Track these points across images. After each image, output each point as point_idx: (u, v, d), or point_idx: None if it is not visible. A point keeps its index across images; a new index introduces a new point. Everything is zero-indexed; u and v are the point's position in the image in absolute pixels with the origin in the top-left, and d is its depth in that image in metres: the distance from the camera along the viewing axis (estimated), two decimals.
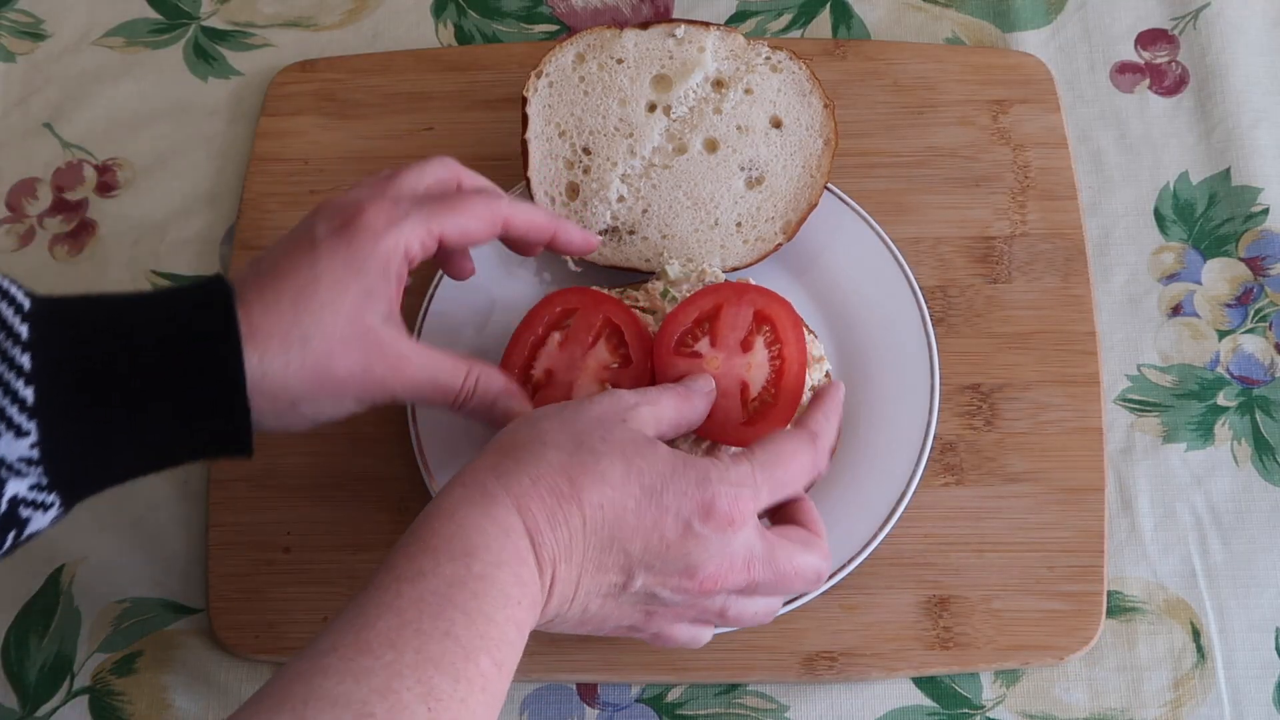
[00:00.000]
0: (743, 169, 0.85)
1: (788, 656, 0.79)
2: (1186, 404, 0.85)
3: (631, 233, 0.85)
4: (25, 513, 0.64)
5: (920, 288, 0.85)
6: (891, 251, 0.85)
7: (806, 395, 0.79)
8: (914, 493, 0.80)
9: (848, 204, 0.87)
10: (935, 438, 0.82)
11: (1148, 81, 0.94)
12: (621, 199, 0.85)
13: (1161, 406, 0.85)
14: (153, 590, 0.84)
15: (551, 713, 0.81)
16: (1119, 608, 0.81)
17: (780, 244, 0.85)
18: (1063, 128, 0.91)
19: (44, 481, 0.63)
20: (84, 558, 0.85)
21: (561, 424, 0.64)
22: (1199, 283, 0.89)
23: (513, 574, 0.60)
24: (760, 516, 0.69)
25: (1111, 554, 0.82)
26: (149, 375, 0.63)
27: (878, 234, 0.86)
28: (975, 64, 0.93)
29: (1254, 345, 0.87)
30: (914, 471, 0.80)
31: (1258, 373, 0.86)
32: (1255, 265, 0.89)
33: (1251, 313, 0.87)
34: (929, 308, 0.85)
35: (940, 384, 0.82)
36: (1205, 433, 0.85)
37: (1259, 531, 0.83)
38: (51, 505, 0.64)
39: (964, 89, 0.92)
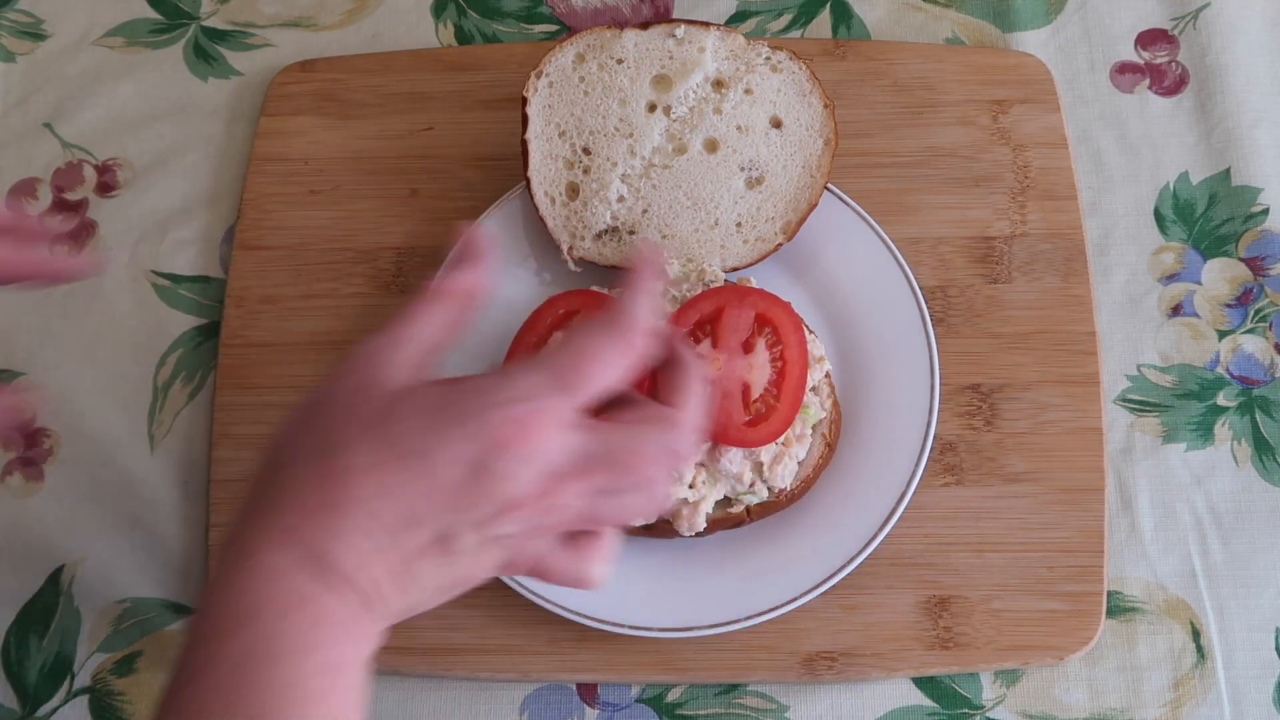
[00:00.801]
0: (743, 169, 0.85)
1: (788, 656, 0.79)
2: (1186, 404, 0.86)
3: (631, 233, 0.85)
4: None
5: (920, 288, 0.85)
6: (891, 251, 0.85)
7: (808, 395, 0.79)
8: (914, 493, 0.80)
9: (848, 204, 0.87)
10: (935, 438, 0.82)
11: (1148, 81, 0.94)
12: (621, 199, 0.85)
13: (1161, 406, 0.86)
14: (153, 590, 0.84)
15: (551, 713, 0.81)
16: (1119, 608, 0.81)
17: (780, 244, 0.85)
18: (1063, 128, 0.91)
19: None
20: (84, 558, 0.85)
21: (306, 424, 0.57)
22: (1199, 283, 0.89)
23: (302, 617, 0.54)
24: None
25: (1111, 554, 0.82)
26: None
27: (878, 234, 0.86)
28: (975, 64, 0.93)
29: (1254, 345, 0.87)
30: (914, 471, 0.80)
31: (1258, 373, 0.86)
32: (1255, 265, 0.89)
33: (1251, 313, 0.87)
34: (929, 308, 0.85)
35: (940, 384, 0.82)
36: (1205, 433, 0.85)
37: (1259, 531, 0.83)
38: None
39: (964, 89, 0.92)
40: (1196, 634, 0.81)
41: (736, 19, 0.98)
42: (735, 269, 0.85)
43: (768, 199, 0.85)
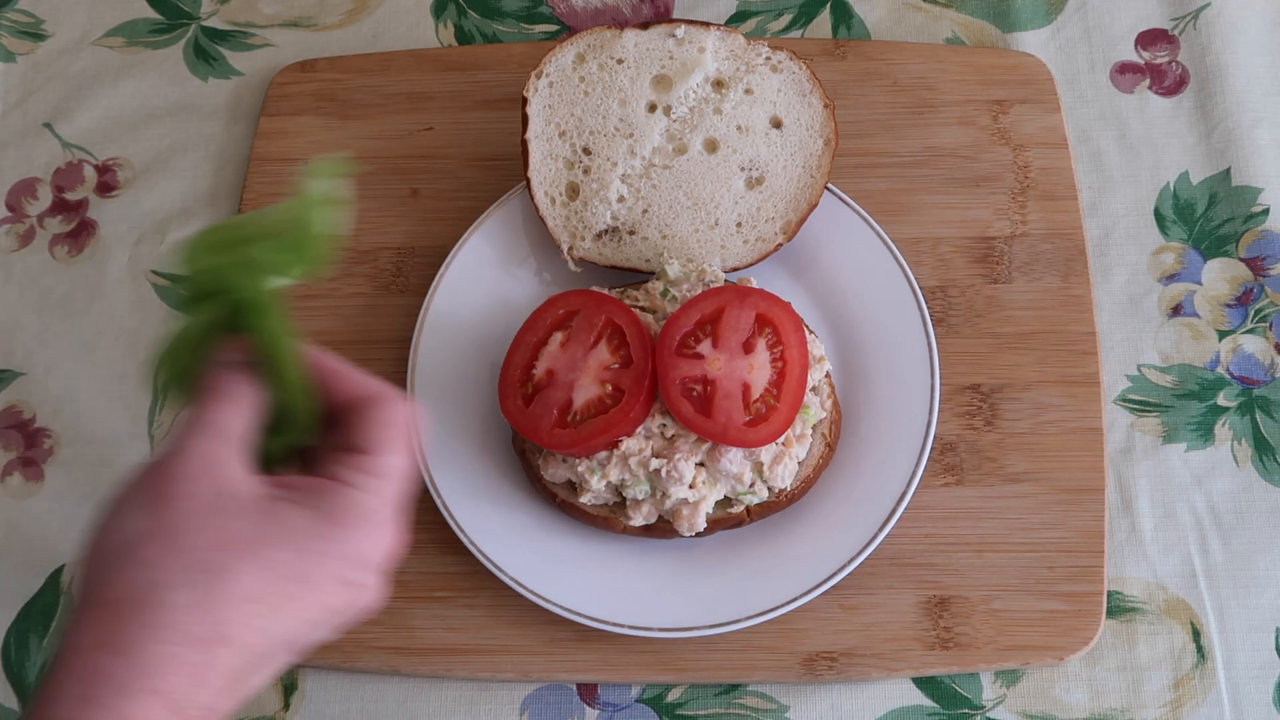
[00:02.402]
0: (743, 169, 0.85)
1: (788, 656, 0.79)
2: (1186, 404, 0.86)
3: (632, 233, 0.85)
4: None
5: (920, 288, 0.85)
6: (891, 251, 0.85)
7: (808, 395, 0.79)
8: (914, 493, 0.80)
9: (848, 204, 0.87)
10: (935, 438, 0.82)
11: (1148, 81, 0.94)
12: (622, 199, 0.85)
13: (1161, 407, 0.86)
14: None
15: (551, 713, 0.81)
16: (1119, 608, 0.81)
17: (780, 244, 0.85)
18: (1063, 128, 0.91)
19: None
20: None
21: (166, 547, 0.51)
22: (1199, 283, 0.89)
23: None
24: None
25: (1111, 554, 0.82)
26: None
27: (878, 234, 0.86)
28: (975, 64, 0.93)
29: (1254, 345, 0.87)
30: (914, 471, 0.80)
31: (1258, 373, 0.86)
32: (1255, 265, 0.89)
33: (1251, 313, 0.87)
34: (929, 308, 0.85)
35: (940, 384, 0.82)
36: (1205, 433, 0.85)
37: (1259, 531, 0.83)
38: None
39: (964, 89, 0.92)
40: (1197, 634, 0.80)
41: (736, 19, 0.98)
42: (735, 269, 0.85)
43: (768, 199, 0.85)
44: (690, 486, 0.77)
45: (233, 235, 0.57)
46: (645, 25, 0.86)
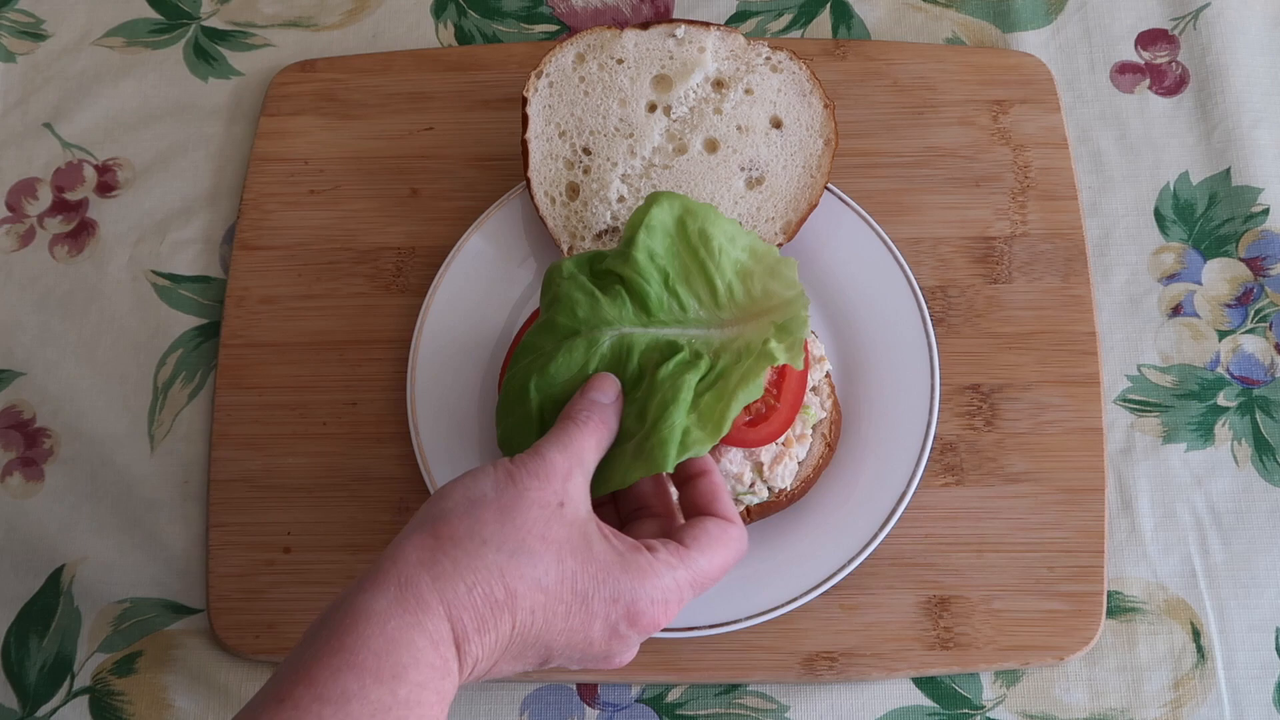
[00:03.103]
0: (743, 169, 0.85)
1: (788, 656, 0.79)
2: (1186, 404, 0.86)
3: None
4: None
5: (920, 288, 0.85)
6: (891, 251, 0.85)
7: (808, 395, 0.79)
8: (914, 493, 0.80)
9: (848, 204, 0.87)
10: (935, 438, 0.82)
11: (1148, 81, 0.94)
12: (621, 199, 0.85)
13: (1161, 407, 0.86)
14: (153, 590, 0.84)
15: (551, 713, 0.81)
16: (1119, 608, 0.81)
17: (780, 244, 0.85)
18: (1063, 128, 0.91)
19: None
20: (84, 558, 0.85)
21: (501, 517, 0.62)
22: (1199, 283, 0.89)
23: (435, 692, 0.59)
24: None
25: (1111, 554, 0.82)
26: None
27: (878, 234, 0.86)
28: (975, 64, 0.93)
29: (1254, 345, 0.87)
30: (914, 471, 0.80)
31: (1258, 373, 0.86)
32: (1255, 265, 0.89)
33: (1251, 313, 0.87)
34: (929, 308, 0.85)
35: (940, 384, 0.82)
36: (1205, 433, 0.85)
37: (1259, 531, 0.83)
38: None
39: (964, 89, 0.92)
40: (1196, 634, 0.81)
41: (736, 19, 0.98)
42: None
43: (768, 199, 0.85)
44: None
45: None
46: (645, 25, 0.86)
